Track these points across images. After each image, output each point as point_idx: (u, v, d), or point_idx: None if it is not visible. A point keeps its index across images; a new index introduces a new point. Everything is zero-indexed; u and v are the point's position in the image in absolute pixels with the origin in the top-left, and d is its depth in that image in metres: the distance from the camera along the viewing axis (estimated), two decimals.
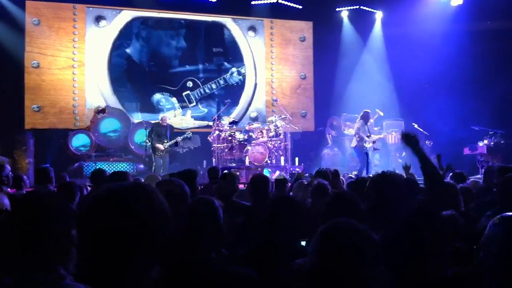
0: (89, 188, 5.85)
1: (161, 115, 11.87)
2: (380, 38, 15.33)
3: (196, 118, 14.41)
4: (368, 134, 10.76)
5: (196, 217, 2.22)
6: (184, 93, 14.34)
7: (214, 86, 14.70)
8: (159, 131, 11.43)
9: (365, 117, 10.87)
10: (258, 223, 3.05)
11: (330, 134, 14.24)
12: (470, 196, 4.41)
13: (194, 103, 14.42)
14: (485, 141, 12.07)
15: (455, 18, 13.32)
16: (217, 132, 12.13)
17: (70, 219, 1.75)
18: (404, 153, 12.33)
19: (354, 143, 10.83)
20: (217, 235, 2.24)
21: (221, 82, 14.81)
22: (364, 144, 10.50)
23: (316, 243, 1.74)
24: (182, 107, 14.29)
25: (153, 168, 11.26)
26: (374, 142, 10.85)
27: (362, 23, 15.30)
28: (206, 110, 14.53)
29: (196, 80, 14.52)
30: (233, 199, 4.52)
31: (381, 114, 13.82)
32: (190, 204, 2.30)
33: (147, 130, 11.66)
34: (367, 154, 10.58)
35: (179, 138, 11.47)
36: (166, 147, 11.32)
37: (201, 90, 14.54)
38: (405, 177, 5.41)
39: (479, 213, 4.14)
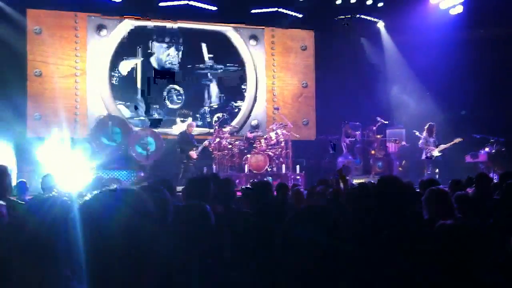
0: None
1: (187, 122, 11.94)
2: (381, 46, 15.36)
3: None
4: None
5: (184, 222, 2.21)
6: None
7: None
8: (188, 138, 11.54)
9: (429, 130, 12.18)
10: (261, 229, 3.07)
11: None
12: (467, 203, 4.39)
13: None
14: (486, 149, 12.08)
15: (455, 27, 13.33)
16: (218, 139, 12.17)
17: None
18: (404, 162, 12.36)
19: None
20: (208, 240, 2.21)
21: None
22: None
23: None
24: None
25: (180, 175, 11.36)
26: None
27: (363, 31, 15.34)
28: None
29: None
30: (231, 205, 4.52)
31: (384, 122, 13.76)
32: (180, 209, 2.30)
33: (176, 138, 11.73)
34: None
35: (206, 142, 11.64)
36: (198, 153, 11.47)
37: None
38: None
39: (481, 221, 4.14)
